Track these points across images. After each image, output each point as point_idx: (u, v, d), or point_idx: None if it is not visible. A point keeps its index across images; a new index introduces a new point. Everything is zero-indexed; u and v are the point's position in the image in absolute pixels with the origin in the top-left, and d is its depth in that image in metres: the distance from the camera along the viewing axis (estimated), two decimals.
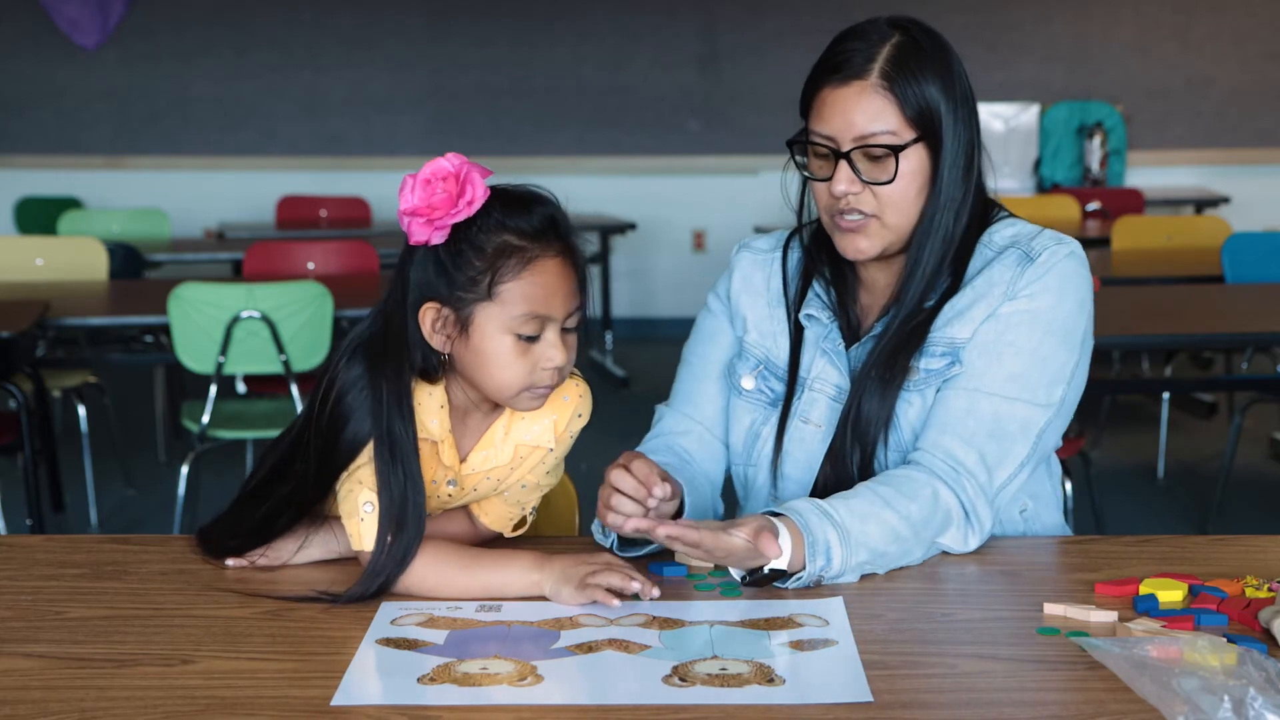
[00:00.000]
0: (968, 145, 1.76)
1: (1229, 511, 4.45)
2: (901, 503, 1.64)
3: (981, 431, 1.71)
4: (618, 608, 1.52)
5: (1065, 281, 1.76)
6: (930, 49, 1.75)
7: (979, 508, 1.69)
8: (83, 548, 1.77)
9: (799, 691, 1.31)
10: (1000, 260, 1.77)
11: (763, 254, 1.93)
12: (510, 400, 1.64)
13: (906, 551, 1.64)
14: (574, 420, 1.71)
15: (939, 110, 1.73)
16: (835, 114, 1.74)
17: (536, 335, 1.59)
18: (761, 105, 7.79)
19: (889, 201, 1.75)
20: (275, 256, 4.81)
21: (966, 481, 1.69)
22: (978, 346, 1.74)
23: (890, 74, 1.72)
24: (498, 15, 7.84)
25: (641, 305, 8.02)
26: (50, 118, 7.85)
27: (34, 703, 1.30)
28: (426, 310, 1.60)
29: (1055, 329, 1.75)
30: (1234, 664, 1.28)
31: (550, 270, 1.59)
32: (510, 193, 1.61)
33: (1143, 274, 4.64)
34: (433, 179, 1.57)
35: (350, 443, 1.60)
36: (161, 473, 5.13)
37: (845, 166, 1.74)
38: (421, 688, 1.33)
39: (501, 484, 1.72)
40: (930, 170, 1.75)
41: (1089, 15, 7.83)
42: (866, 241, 1.77)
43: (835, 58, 1.75)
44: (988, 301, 1.75)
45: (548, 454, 1.72)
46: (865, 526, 1.60)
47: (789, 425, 1.84)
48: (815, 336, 1.85)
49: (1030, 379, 1.73)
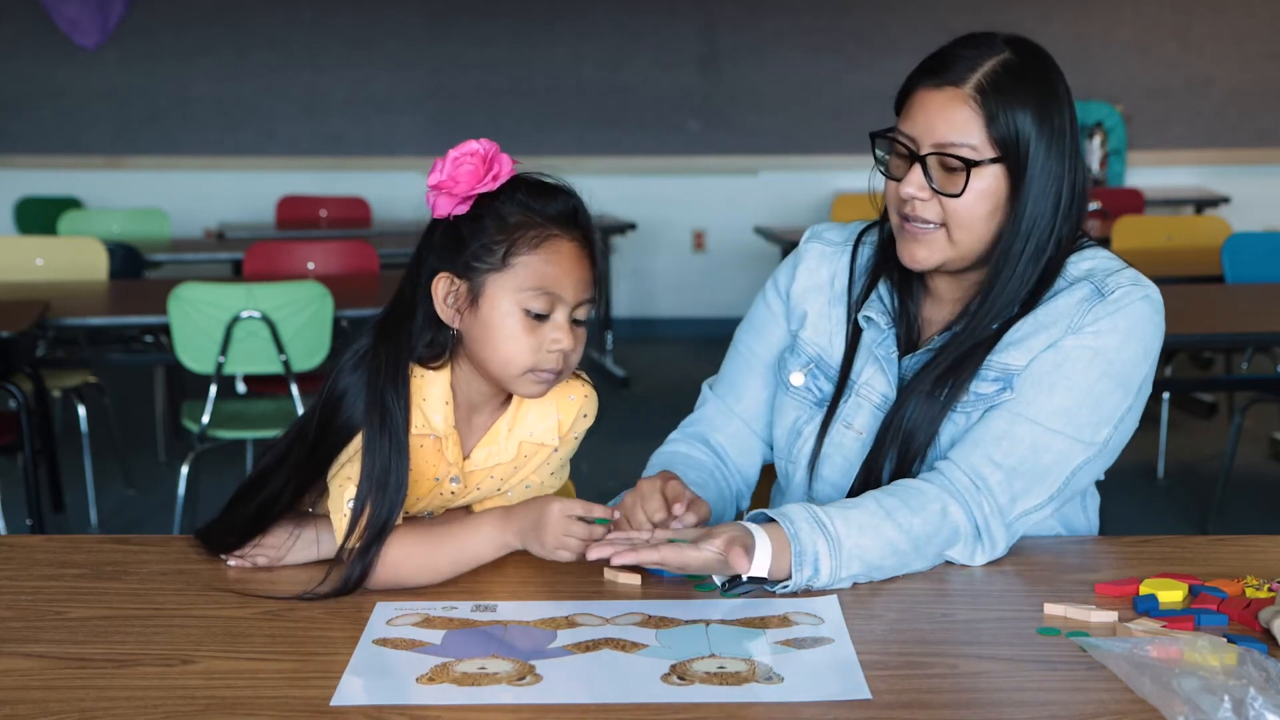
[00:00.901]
0: (1058, 180, 1.70)
1: (1229, 511, 4.45)
2: (904, 515, 1.62)
3: (1015, 456, 1.68)
4: (614, 606, 1.52)
5: (1135, 325, 1.71)
6: (1036, 75, 1.70)
7: (993, 527, 1.66)
8: (83, 548, 1.77)
9: (798, 689, 1.31)
10: (1070, 292, 1.72)
11: (833, 246, 1.90)
12: (514, 381, 1.64)
13: (904, 564, 1.62)
14: (579, 421, 1.72)
15: (1029, 137, 1.68)
16: (921, 115, 1.71)
17: (546, 314, 1.61)
18: (761, 105, 7.79)
19: (956, 216, 1.70)
20: (275, 256, 4.80)
21: (985, 500, 1.66)
22: (1032, 375, 1.70)
23: (986, 88, 1.68)
24: (498, 15, 7.84)
25: (641, 305, 8.02)
26: (50, 118, 7.85)
27: (34, 703, 1.30)
28: (439, 280, 1.62)
29: (1114, 371, 1.69)
30: (1234, 664, 1.28)
31: (566, 252, 1.61)
32: (538, 179, 1.64)
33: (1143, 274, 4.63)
34: (462, 157, 1.60)
35: (345, 423, 1.61)
36: (161, 473, 5.13)
37: (918, 170, 1.70)
38: (420, 687, 1.33)
39: (505, 482, 1.72)
40: (1008, 194, 1.70)
41: (1089, 15, 7.83)
42: (925, 252, 1.73)
43: (940, 59, 1.72)
44: (1050, 333, 1.71)
45: (552, 454, 1.72)
46: (861, 540, 1.59)
47: (831, 428, 1.82)
48: (870, 341, 1.82)
49: (1078, 416, 1.69)
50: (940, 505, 1.64)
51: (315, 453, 1.63)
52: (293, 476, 1.65)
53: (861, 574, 1.60)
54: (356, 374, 1.62)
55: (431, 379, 1.65)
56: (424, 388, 1.64)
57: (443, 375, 1.65)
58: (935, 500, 1.65)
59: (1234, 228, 5.27)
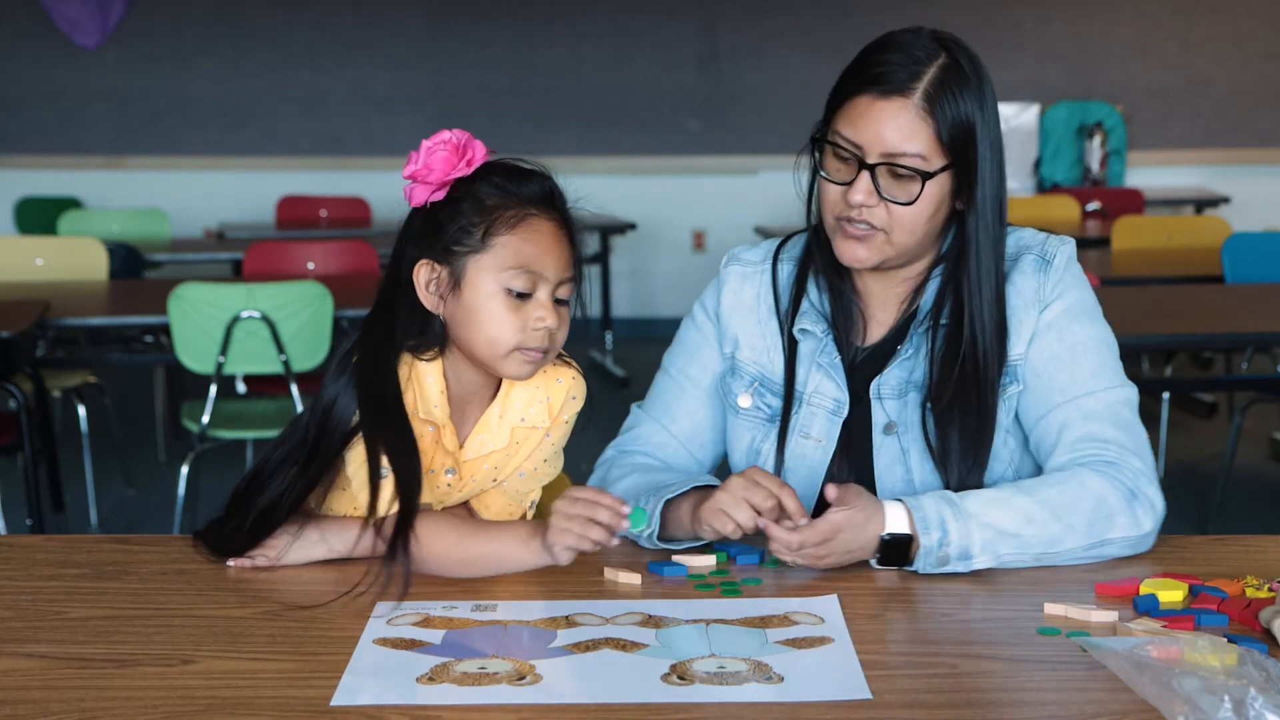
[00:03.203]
0: (997, 167, 1.74)
1: (1229, 511, 4.45)
2: (1035, 487, 1.65)
3: (1107, 424, 1.71)
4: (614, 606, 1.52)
5: (1077, 273, 1.80)
6: (973, 75, 1.73)
7: (1143, 487, 1.67)
8: (83, 548, 1.77)
9: (798, 689, 1.31)
10: (1018, 269, 1.78)
11: (751, 266, 1.90)
12: (501, 362, 1.64)
13: (1051, 537, 1.62)
14: (568, 404, 1.72)
15: (975, 139, 1.72)
16: (868, 124, 1.71)
17: (528, 293, 1.62)
18: (761, 105, 7.79)
19: (900, 221, 1.73)
20: (275, 256, 4.80)
21: (1124, 464, 1.68)
22: (1047, 362, 1.75)
23: (933, 95, 1.70)
24: (498, 15, 7.84)
25: (641, 305, 8.02)
26: (50, 118, 7.85)
27: (34, 703, 1.30)
28: (420, 268, 1.64)
29: (1092, 314, 1.79)
30: (1234, 664, 1.28)
31: (544, 231, 1.63)
32: (512, 163, 1.66)
33: (1143, 274, 4.64)
34: (435, 145, 1.63)
35: (341, 420, 1.62)
36: (161, 473, 5.13)
37: (866, 178, 1.71)
38: (420, 687, 1.33)
39: (499, 471, 1.72)
40: (950, 193, 1.74)
41: (1089, 15, 7.83)
42: (866, 251, 1.75)
43: (877, 67, 1.72)
44: (1024, 312, 1.77)
45: (544, 439, 1.72)
46: (989, 509, 1.61)
47: (789, 440, 1.83)
48: (810, 351, 1.83)
49: (1107, 365, 1.76)
50: (1077, 479, 1.66)
51: (315, 455, 1.64)
52: (295, 481, 1.65)
53: (1001, 544, 1.60)
54: (346, 372, 1.64)
55: (425, 369, 1.66)
56: (420, 376, 1.66)
57: (435, 366, 1.67)
58: (1070, 475, 1.67)
59: (1234, 228, 5.26)
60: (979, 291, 1.75)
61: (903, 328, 1.82)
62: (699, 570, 1.65)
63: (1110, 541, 1.65)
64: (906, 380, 1.79)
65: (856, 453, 1.82)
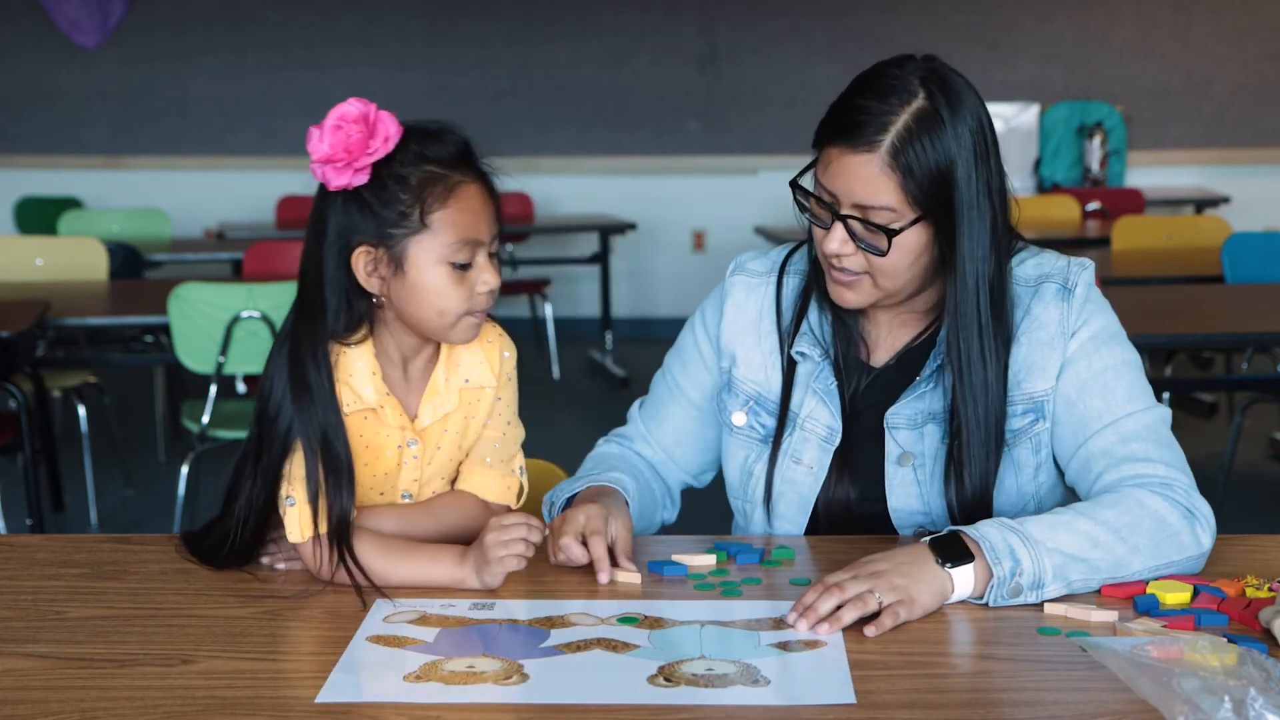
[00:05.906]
0: (990, 208, 1.68)
1: (1229, 511, 4.45)
2: (1095, 510, 1.60)
3: (1150, 444, 1.70)
4: (612, 606, 1.52)
5: (1099, 297, 1.78)
6: (952, 115, 1.65)
7: (1196, 503, 1.64)
8: (83, 548, 1.77)
9: (783, 693, 1.31)
10: (1039, 298, 1.75)
11: (758, 277, 1.87)
12: (450, 331, 1.65)
13: (1118, 560, 1.56)
14: (503, 361, 1.75)
15: (951, 186, 1.65)
16: (837, 176, 1.67)
17: (469, 262, 1.63)
18: (761, 105, 7.79)
19: (880, 269, 1.69)
20: (275, 256, 4.81)
21: (1175, 484, 1.66)
22: (1080, 390, 1.72)
23: (899, 149, 1.63)
24: (498, 15, 7.84)
25: (641, 305, 8.02)
26: (50, 118, 7.85)
27: (34, 703, 1.30)
28: (359, 255, 1.63)
29: (1118, 338, 1.77)
30: (1234, 664, 1.28)
31: (473, 195, 1.64)
32: (421, 127, 1.65)
33: (1143, 274, 4.63)
34: (341, 123, 1.61)
35: (276, 416, 1.62)
36: (161, 473, 5.13)
37: (840, 227, 1.68)
38: (407, 685, 1.33)
39: (462, 437, 1.73)
40: (932, 239, 1.68)
41: (1089, 15, 7.83)
42: (854, 295, 1.73)
43: (850, 115, 1.66)
44: (1049, 346, 1.73)
45: (495, 401, 1.73)
46: (1053, 534, 1.55)
47: (780, 464, 1.82)
48: (807, 374, 1.81)
49: (1138, 387, 1.74)
50: (1133, 499, 1.63)
51: (263, 451, 1.64)
52: (258, 478, 1.65)
53: (1071, 569, 1.53)
54: (279, 369, 1.63)
55: (353, 355, 1.66)
56: (347, 365, 1.65)
57: (364, 348, 1.66)
58: (1126, 496, 1.63)
59: (1234, 228, 5.26)
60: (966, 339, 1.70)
61: (912, 353, 1.80)
62: (699, 570, 1.65)
63: (1174, 562, 1.60)
64: (925, 412, 1.77)
65: (861, 478, 1.80)
